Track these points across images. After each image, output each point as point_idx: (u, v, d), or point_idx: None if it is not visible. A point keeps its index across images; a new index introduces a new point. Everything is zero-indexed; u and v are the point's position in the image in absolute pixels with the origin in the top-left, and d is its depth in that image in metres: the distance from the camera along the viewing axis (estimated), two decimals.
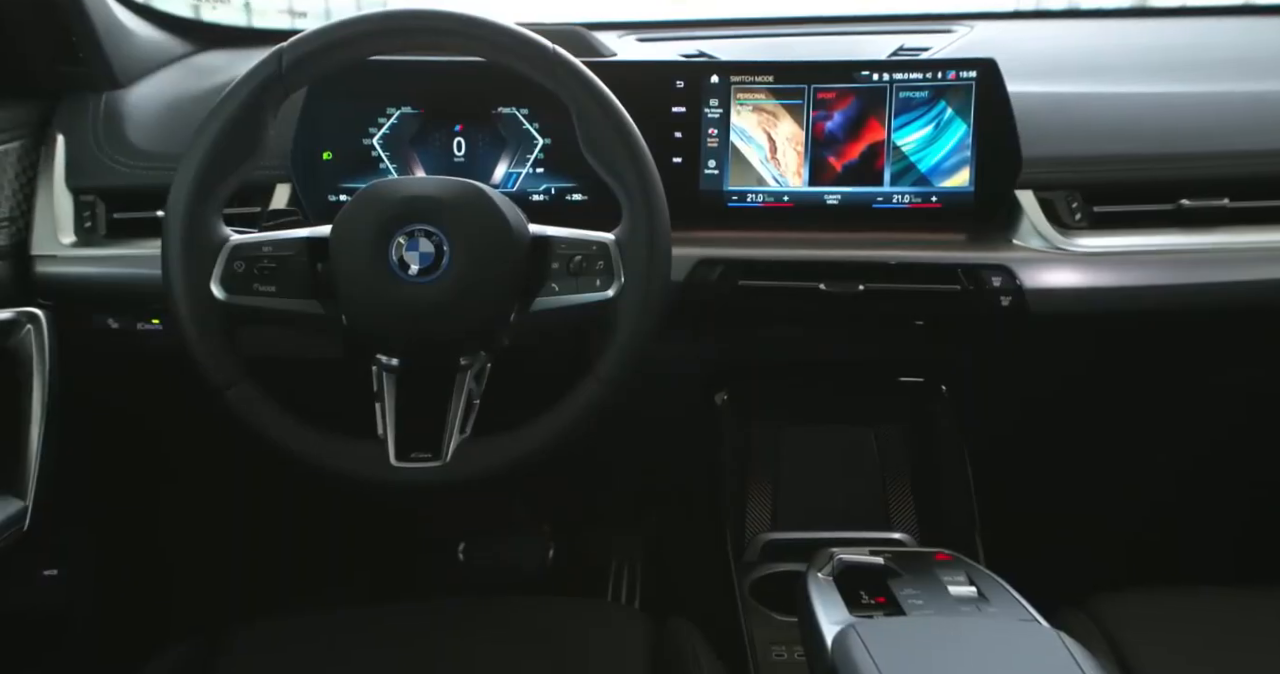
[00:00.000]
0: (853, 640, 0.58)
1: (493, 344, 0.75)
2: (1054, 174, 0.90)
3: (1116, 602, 0.77)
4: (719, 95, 0.94)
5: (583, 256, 0.74)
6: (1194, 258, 0.86)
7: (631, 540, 1.37)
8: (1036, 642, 0.58)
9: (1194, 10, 1.19)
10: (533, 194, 0.95)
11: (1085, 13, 1.23)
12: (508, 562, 1.37)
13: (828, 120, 0.93)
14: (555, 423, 0.71)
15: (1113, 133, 0.91)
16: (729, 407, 1.03)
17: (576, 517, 1.40)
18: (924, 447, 1.03)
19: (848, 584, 0.71)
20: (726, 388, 1.04)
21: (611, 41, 1.18)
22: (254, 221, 0.79)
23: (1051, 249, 0.88)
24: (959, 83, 0.90)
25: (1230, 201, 0.86)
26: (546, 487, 1.43)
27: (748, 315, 0.93)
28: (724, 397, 1.03)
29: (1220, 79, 0.96)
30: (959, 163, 0.91)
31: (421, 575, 1.31)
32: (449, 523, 1.36)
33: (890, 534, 0.99)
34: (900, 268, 0.88)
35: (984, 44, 1.11)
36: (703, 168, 0.94)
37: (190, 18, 1.05)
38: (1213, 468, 1.11)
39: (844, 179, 0.93)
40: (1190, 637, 0.74)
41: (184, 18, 1.04)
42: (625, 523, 1.39)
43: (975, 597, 0.69)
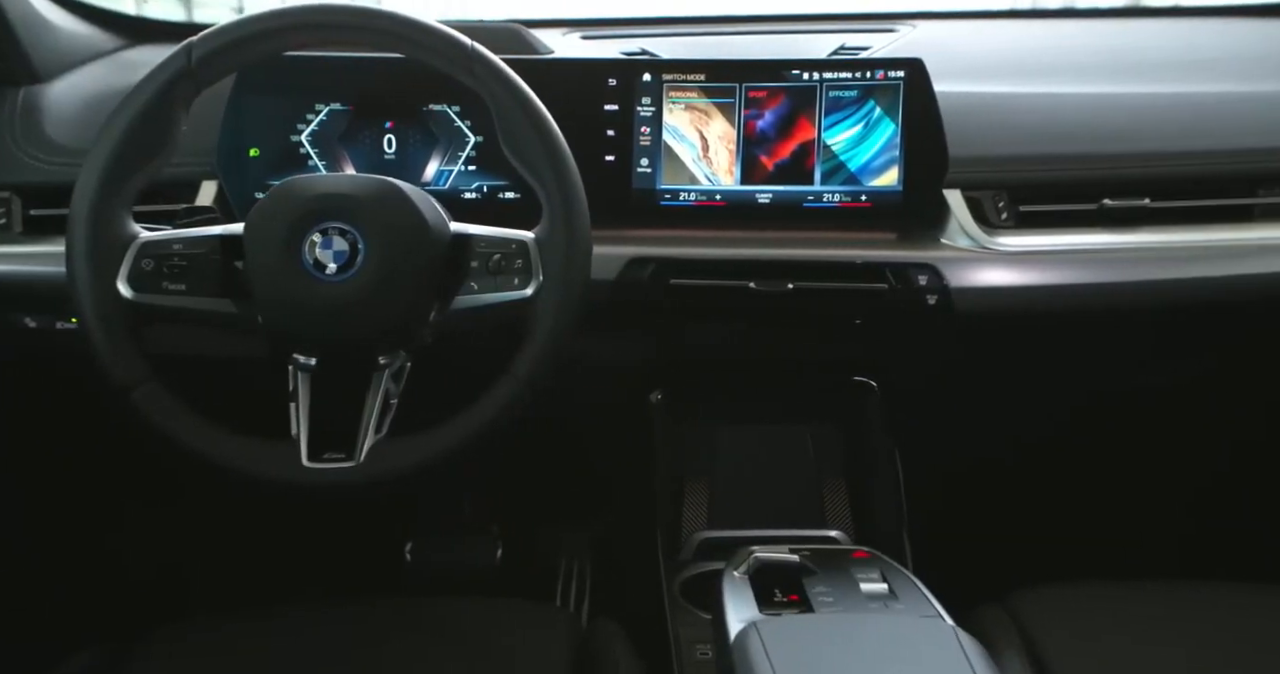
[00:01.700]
0: (751, 638, 0.58)
1: (412, 343, 0.74)
2: (981, 174, 0.91)
3: (1033, 598, 0.78)
4: (651, 93, 0.94)
5: (502, 255, 0.73)
6: (1115, 257, 0.87)
7: (581, 539, 1.37)
8: (931, 637, 0.59)
9: (1131, 11, 1.21)
10: (465, 192, 0.95)
11: (1026, 13, 1.25)
12: (455, 562, 1.36)
13: (759, 119, 0.93)
14: (471, 422, 0.71)
15: (1039, 133, 0.92)
16: (663, 405, 1.04)
17: (526, 516, 1.39)
18: (858, 445, 1.04)
19: (763, 582, 0.71)
20: (661, 387, 1.04)
21: (554, 39, 1.18)
22: (173, 219, 0.79)
23: (978, 248, 0.89)
24: (887, 82, 0.91)
25: (1151, 201, 0.87)
26: (496, 486, 1.43)
27: (680, 314, 0.93)
28: (658, 396, 1.04)
29: (1147, 80, 0.98)
30: (888, 162, 0.92)
31: (367, 576, 1.30)
32: (397, 523, 1.35)
33: (825, 532, 1.00)
34: (829, 267, 0.89)
35: (923, 44, 1.12)
36: (635, 166, 0.94)
37: (118, 11, 1.03)
38: (1139, 465, 1.12)
39: (775, 178, 0.93)
40: (1104, 631, 0.75)
41: (112, 11, 1.03)
42: (576, 521, 1.39)
43: (885, 594, 0.69)
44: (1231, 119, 0.90)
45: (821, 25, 1.21)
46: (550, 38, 1.17)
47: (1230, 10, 1.11)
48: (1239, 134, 0.89)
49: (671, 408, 1.04)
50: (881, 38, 1.13)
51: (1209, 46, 1.04)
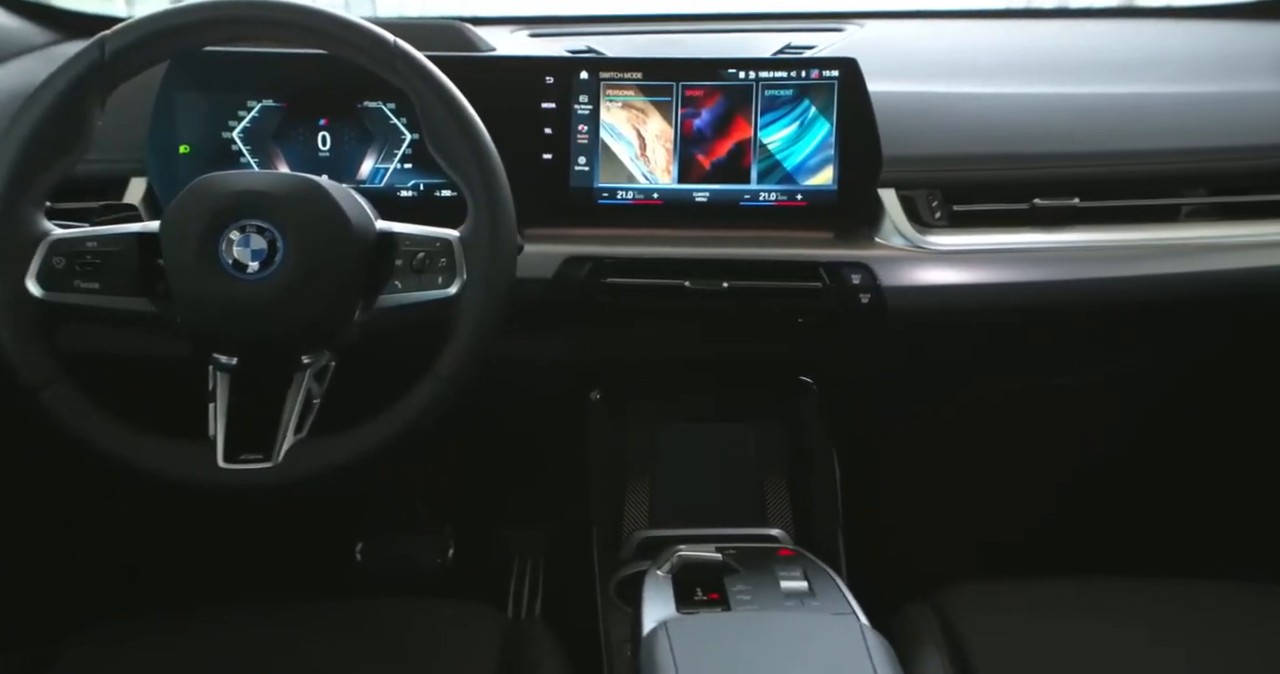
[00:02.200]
0: (660, 638, 0.58)
1: (336, 342, 0.74)
2: (916, 173, 0.91)
3: (960, 594, 0.79)
4: (588, 91, 0.93)
5: (426, 254, 0.73)
6: (1045, 256, 0.88)
7: (534, 538, 1.36)
8: (837, 635, 0.59)
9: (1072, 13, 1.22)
10: (401, 190, 0.94)
11: (972, 13, 1.26)
12: (406, 561, 1.36)
13: (696, 118, 0.93)
14: (393, 422, 0.70)
15: (973, 133, 0.93)
16: (603, 404, 1.04)
17: (480, 515, 1.39)
18: (799, 444, 1.04)
19: (686, 581, 0.71)
20: (602, 385, 1.04)
21: (502, 37, 1.18)
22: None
23: (911, 247, 0.90)
24: (822, 81, 0.91)
25: (1080, 201, 0.88)
26: (450, 485, 1.42)
27: (618, 312, 0.93)
28: (598, 394, 1.04)
29: (1082, 81, 0.99)
30: (823, 161, 0.92)
31: (318, 575, 1.30)
32: (347, 522, 1.35)
33: (766, 530, 1.00)
34: (763, 265, 0.89)
35: (868, 43, 1.12)
36: (573, 164, 0.94)
37: (50, 5, 1.01)
38: (1073, 462, 1.14)
39: (712, 177, 0.93)
40: (1028, 627, 0.76)
41: (44, 5, 1.01)
42: (529, 520, 1.39)
43: (805, 592, 0.70)
44: (1159, 120, 0.91)
45: (770, 24, 1.21)
46: (497, 35, 1.17)
47: (1164, 12, 1.12)
48: (1166, 135, 0.90)
49: (612, 407, 1.04)
50: (828, 37, 1.13)
51: (1143, 48, 1.05)
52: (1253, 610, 0.80)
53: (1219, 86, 0.95)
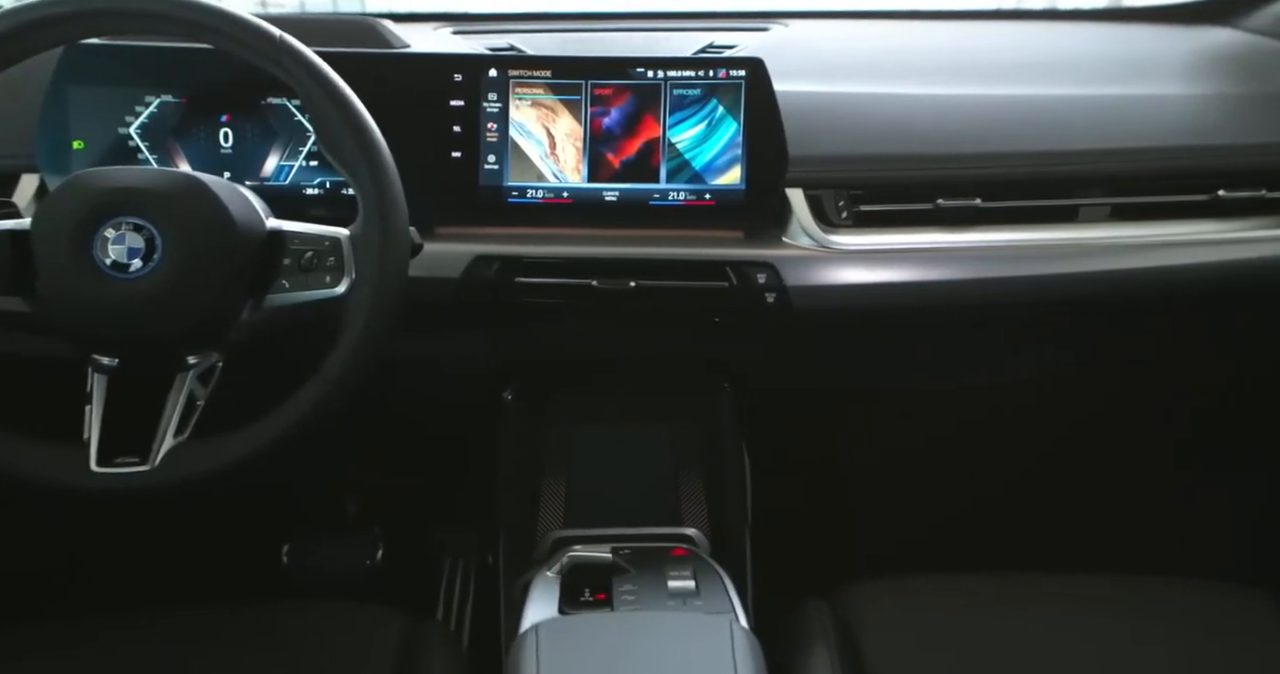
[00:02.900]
0: (528, 640, 0.58)
1: (222, 342, 0.73)
2: (823, 173, 0.91)
3: (859, 591, 0.79)
4: (497, 89, 0.93)
5: (314, 252, 0.72)
6: (947, 256, 0.89)
7: (466, 539, 1.36)
8: (704, 634, 0.60)
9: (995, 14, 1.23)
10: (306, 187, 0.93)
11: (899, 14, 1.27)
12: (335, 564, 1.34)
13: (605, 116, 0.93)
14: (277, 425, 0.69)
15: (881, 133, 0.93)
16: (516, 404, 1.03)
17: (412, 516, 1.38)
18: (713, 443, 1.05)
19: (576, 581, 0.71)
20: (513, 385, 1.04)
21: (424, 34, 1.17)
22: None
23: (817, 247, 0.90)
24: (729, 81, 0.91)
25: (982, 202, 0.89)
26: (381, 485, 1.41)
27: (528, 312, 0.93)
28: (510, 394, 1.03)
29: (992, 82, 0.99)
30: (730, 160, 0.92)
31: (242, 578, 1.28)
32: (273, 524, 1.33)
33: (682, 530, 1.00)
34: (670, 265, 0.89)
35: (789, 43, 1.13)
36: (482, 163, 0.93)
37: None
38: (985, 460, 1.15)
39: (622, 176, 0.93)
40: (925, 623, 0.77)
41: None
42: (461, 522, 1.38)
43: (690, 591, 0.70)
44: (1062, 122, 0.92)
45: (696, 23, 1.21)
46: (419, 33, 1.16)
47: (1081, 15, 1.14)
48: (1067, 136, 0.91)
49: (530, 406, 1.04)
50: (751, 36, 1.14)
51: (1057, 50, 1.06)
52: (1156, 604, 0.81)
53: (1124, 89, 0.97)
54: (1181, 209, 0.89)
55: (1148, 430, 1.13)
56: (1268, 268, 0.87)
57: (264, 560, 1.33)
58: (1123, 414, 1.11)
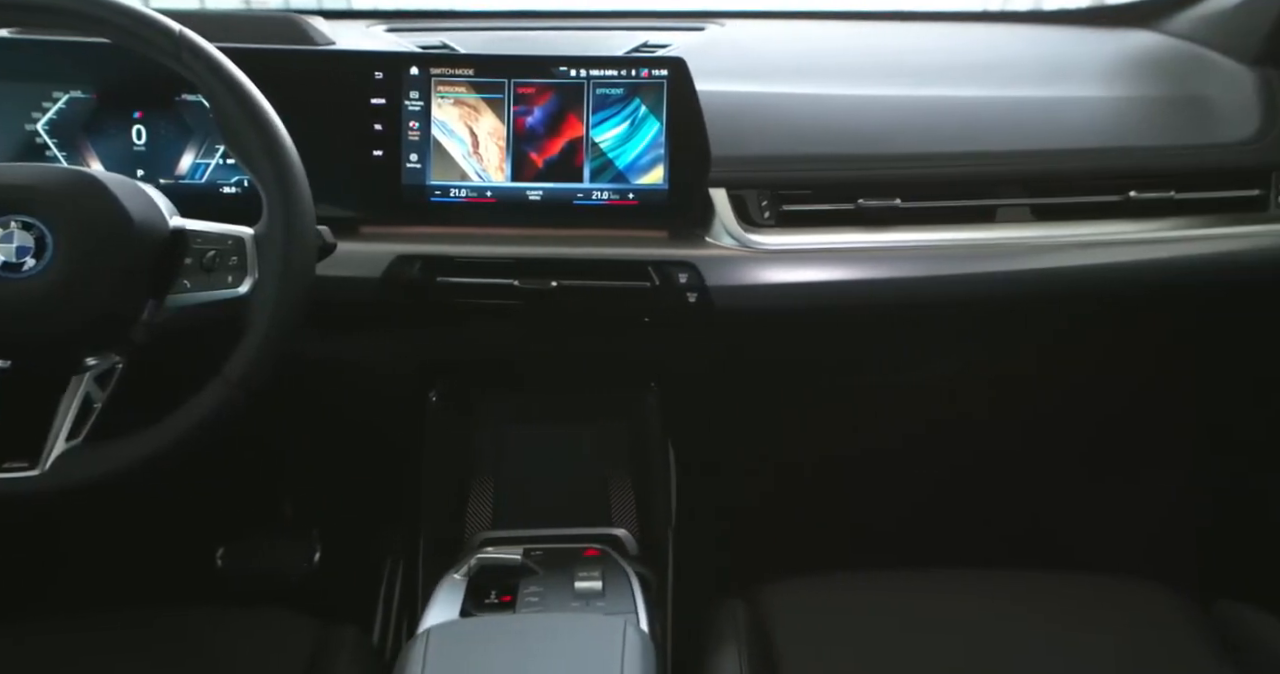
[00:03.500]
0: (417, 644, 0.58)
1: (121, 343, 0.72)
2: (746, 173, 0.92)
3: (775, 590, 0.80)
4: (419, 88, 0.92)
5: (216, 252, 0.71)
6: (867, 255, 0.89)
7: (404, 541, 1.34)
8: (596, 635, 0.59)
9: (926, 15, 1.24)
10: (224, 186, 0.92)
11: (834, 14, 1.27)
12: (270, 566, 1.33)
13: (528, 116, 0.92)
14: (176, 428, 0.68)
15: (804, 133, 0.94)
16: (441, 404, 1.02)
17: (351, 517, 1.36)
18: (641, 443, 1.05)
19: (484, 583, 0.71)
20: (439, 386, 1.03)
21: (356, 31, 1.15)
22: None
23: (739, 247, 0.90)
24: (651, 81, 0.91)
25: (902, 202, 0.90)
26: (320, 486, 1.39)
27: (451, 312, 0.92)
28: (435, 395, 1.02)
29: (916, 83, 1.00)
30: (653, 160, 0.92)
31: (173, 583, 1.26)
32: (207, 526, 1.31)
33: (610, 530, 1.00)
34: (592, 264, 0.89)
35: (721, 43, 1.13)
36: (405, 162, 0.92)
37: None
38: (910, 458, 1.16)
39: (546, 175, 0.93)
40: (839, 621, 0.77)
41: None
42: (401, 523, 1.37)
43: (596, 592, 0.70)
44: (981, 123, 0.93)
45: (632, 22, 1.21)
46: (351, 30, 1.14)
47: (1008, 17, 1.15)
48: (986, 138, 0.92)
49: (458, 406, 1.03)
50: (686, 36, 1.14)
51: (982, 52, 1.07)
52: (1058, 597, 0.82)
53: (1044, 91, 0.98)
54: (1096, 210, 0.90)
55: (1068, 429, 1.15)
56: (1177, 268, 0.89)
57: (198, 563, 1.31)
58: (1045, 413, 1.13)
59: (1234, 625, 0.76)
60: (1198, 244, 0.89)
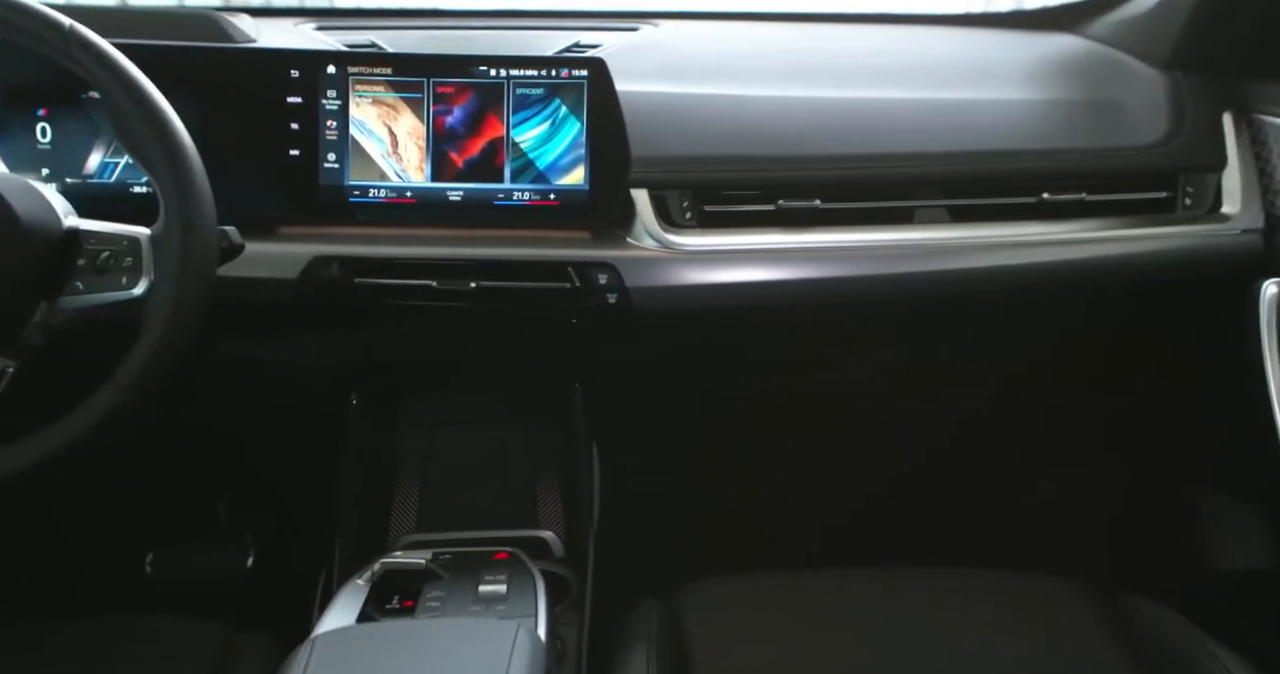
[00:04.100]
0: (303, 651, 0.57)
1: (11, 346, 0.69)
2: (667, 173, 0.92)
3: (692, 590, 0.80)
4: (337, 87, 0.91)
5: (111, 252, 0.70)
6: (786, 256, 0.90)
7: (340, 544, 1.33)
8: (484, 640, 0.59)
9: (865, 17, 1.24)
10: (134, 185, 0.90)
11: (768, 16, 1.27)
12: (202, 572, 1.30)
13: (448, 115, 0.92)
14: (65, 434, 0.66)
15: (726, 134, 0.94)
16: (362, 407, 1.01)
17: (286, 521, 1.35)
18: (567, 445, 1.04)
19: (389, 588, 0.70)
20: (360, 387, 1.02)
21: (283, 28, 1.14)
22: None
23: (659, 248, 0.90)
24: (571, 81, 0.90)
25: (821, 202, 0.90)
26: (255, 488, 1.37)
27: (371, 313, 0.91)
28: (356, 397, 1.01)
29: (840, 84, 1.00)
30: (574, 160, 0.92)
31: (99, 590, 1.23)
32: (136, 531, 1.28)
33: (537, 532, 1.00)
34: (512, 265, 0.88)
35: (652, 43, 1.13)
36: (322, 161, 0.91)
37: None
38: (832, 459, 1.17)
39: (466, 175, 0.92)
40: (751, 620, 0.78)
41: None
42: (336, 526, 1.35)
43: (499, 596, 0.70)
44: (901, 125, 0.94)
45: (565, 22, 1.20)
46: (278, 28, 1.13)
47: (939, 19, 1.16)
48: (904, 139, 0.92)
49: (374, 408, 1.02)
50: (619, 36, 1.13)
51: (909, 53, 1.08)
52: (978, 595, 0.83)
53: (965, 93, 0.99)
54: (1011, 211, 0.91)
55: (991, 426, 1.16)
56: (1090, 268, 0.90)
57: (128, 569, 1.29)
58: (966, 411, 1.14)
59: (1138, 620, 0.77)
60: (1109, 245, 0.91)
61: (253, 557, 1.30)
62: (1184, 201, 0.91)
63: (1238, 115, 0.93)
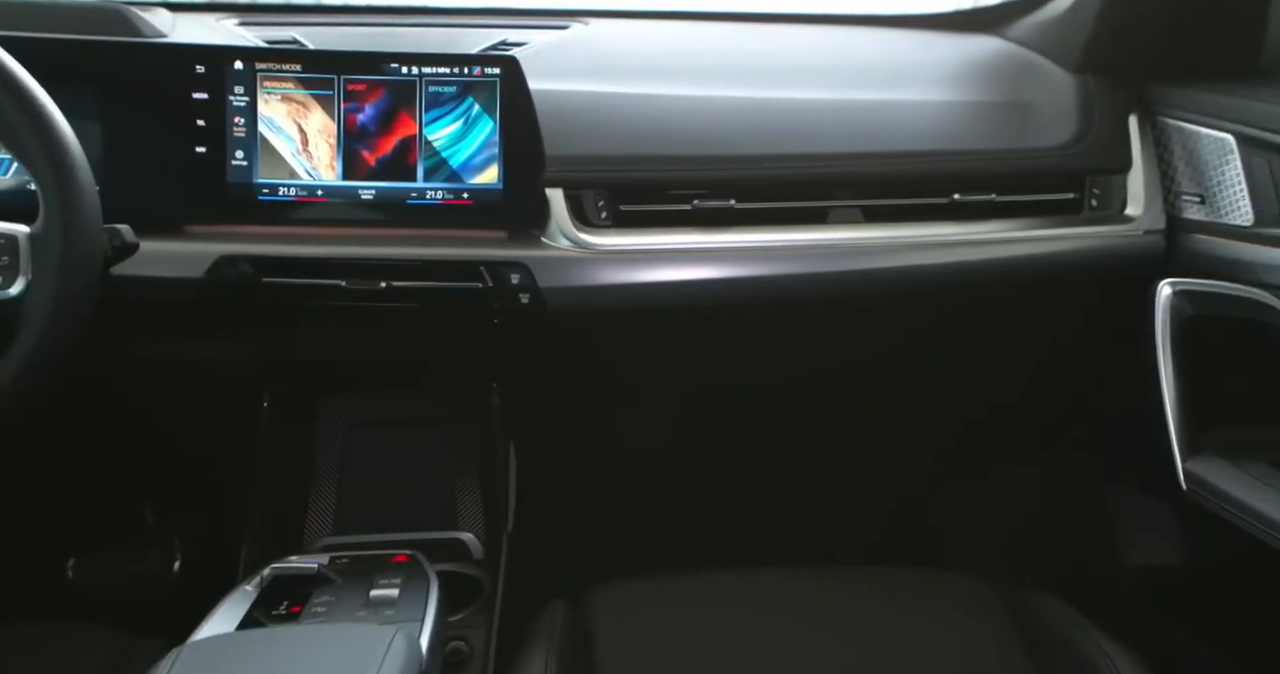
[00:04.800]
0: (167, 660, 0.56)
1: None
2: (583, 173, 0.91)
3: (601, 591, 0.79)
4: (244, 83, 0.89)
5: None
6: (701, 256, 0.89)
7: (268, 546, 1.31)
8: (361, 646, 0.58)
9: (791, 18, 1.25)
10: (30, 183, 0.87)
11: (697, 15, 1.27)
12: (126, 577, 1.28)
13: (359, 113, 0.90)
14: None
15: (643, 134, 0.93)
16: (277, 407, 1.00)
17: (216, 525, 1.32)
18: (485, 446, 1.03)
19: (279, 593, 0.69)
20: (274, 389, 1.01)
21: (203, 25, 1.12)
22: None
23: (574, 248, 0.90)
24: (484, 79, 0.90)
25: (736, 202, 0.90)
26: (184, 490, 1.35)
27: (282, 313, 0.90)
28: (268, 398, 1.00)
29: (761, 84, 1.00)
30: (488, 159, 0.91)
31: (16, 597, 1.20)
32: (55, 535, 1.25)
33: (455, 534, 0.99)
34: (423, 265, 0.87)
35: (578, 42, 1.12)
36: (230, 159, 0.89)
37: None
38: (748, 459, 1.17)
39: (378, 174, 0.91)
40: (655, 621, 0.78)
41: None
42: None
43: (389, 600, 0.69)
44: (816, 125, 0.94)
45: (494, 20, 1.19)
46: (197, 23, 1.11)
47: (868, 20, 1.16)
48: (818, 140, 0.92)
49: (290, 409, 1.01)
50: (546, 34, 1.13)
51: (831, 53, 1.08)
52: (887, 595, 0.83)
53: (883, 94, 0.99)
54: (924, 211, 0.92)
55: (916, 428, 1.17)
56: (1001, 269, 0.91)
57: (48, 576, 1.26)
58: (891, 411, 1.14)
59: (1034, 615, 0.78)
60: (1018, 246, 0.91)
61: (180, 561, 1.28)
62: (1090, 203, 0.93)
63: (1143, 118, 0.94)
